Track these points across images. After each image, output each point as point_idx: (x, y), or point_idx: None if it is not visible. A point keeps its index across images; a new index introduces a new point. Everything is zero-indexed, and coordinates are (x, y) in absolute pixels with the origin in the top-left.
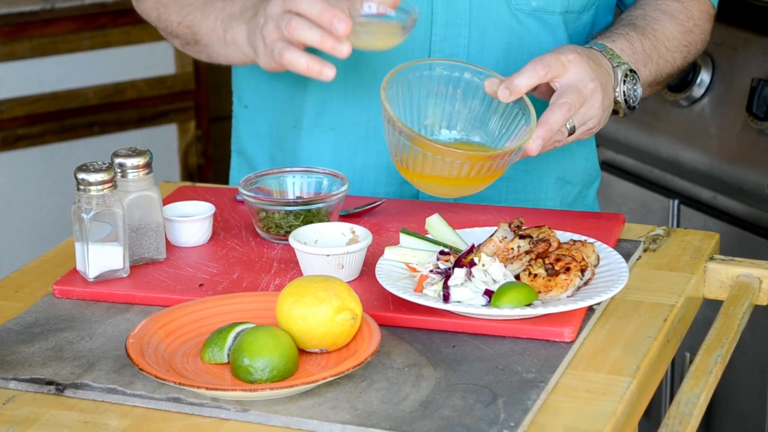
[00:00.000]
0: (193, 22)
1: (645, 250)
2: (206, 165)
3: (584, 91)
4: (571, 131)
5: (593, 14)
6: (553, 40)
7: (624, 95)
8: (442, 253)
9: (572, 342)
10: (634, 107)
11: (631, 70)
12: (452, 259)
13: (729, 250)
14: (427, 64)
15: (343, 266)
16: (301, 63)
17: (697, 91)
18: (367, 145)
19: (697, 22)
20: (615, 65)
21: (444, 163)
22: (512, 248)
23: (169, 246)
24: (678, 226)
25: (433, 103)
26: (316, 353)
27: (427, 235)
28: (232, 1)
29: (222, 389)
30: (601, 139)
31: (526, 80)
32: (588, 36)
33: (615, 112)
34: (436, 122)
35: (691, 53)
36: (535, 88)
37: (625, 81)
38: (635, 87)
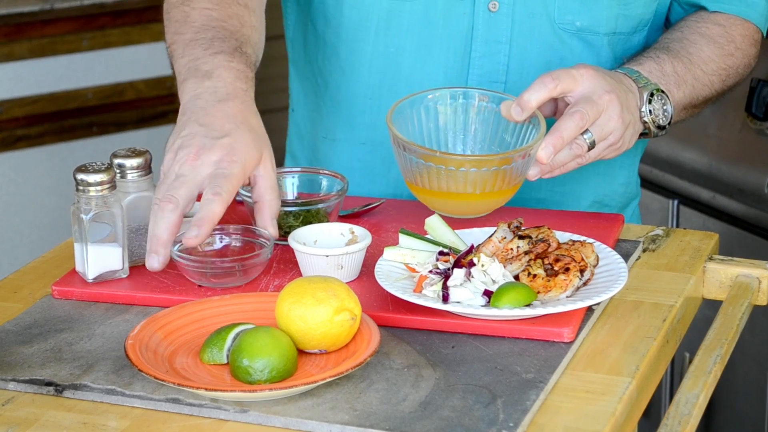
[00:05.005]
0: (175, 52)
1: (644, 251)
2: None
3: (599, 102)
4: (591, 145)
5: (645, 35)
6: (596, 60)
7: (651, 114)
8: (441, 253)
9: (571, 342)
10: (665, 127)
11: (659, 90)
12: (451, 259)
13: (728, 250)
14: (433, 93)
15: (342, 267)
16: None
17: None
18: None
19: (739, 45)
20: (641, 86)
21: (454, 175)
22: (511, 248)
23: None
24: (677, 226)
25: (444, 128)
26: (315, 354)
27: (427, 236)
28: (210, 57)
29: (221, 390)
30: None
31: (535, 94)
32: None
33: (645, 134)
34: (449, 146)
35: (731, 77)
36: (556, 111)
37: (651, 100)
38: (665, 106)
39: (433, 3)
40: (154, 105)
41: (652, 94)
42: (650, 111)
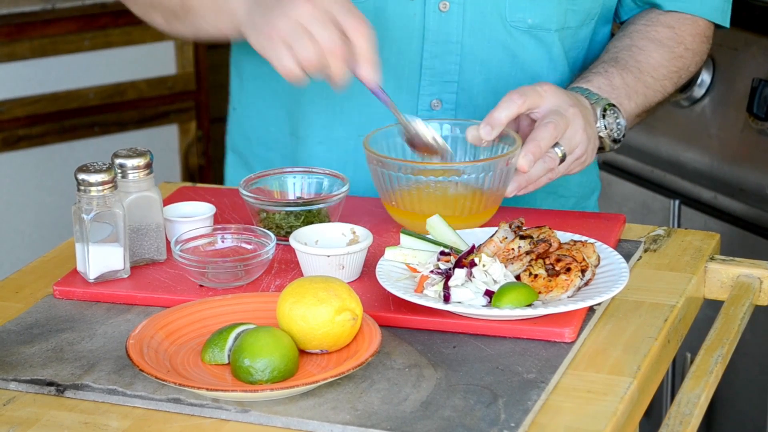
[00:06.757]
0: None
1: (645, 251)
2: (207, 165)
3: (566, 115)
4: (562, 158)
5: (593, 28)
6: (547, 57)
7: (606, 129)
8: (442, 253)
9: (573, 342)
10: (620, 140)
11: (611, 105)
12: (453, 259)
13: (729, 250)
14: (404, 125)
15: (343, 267)
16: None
17: (698, 92)
18: (357, 159)
19: (689, 46)
20: (593, 102)
21: (431, 191)
22: (513, 249)
23: (170, 246)
24: (678, 226)
25: (419, 156)
26: (316, 354)
27: (428, 236)
28: None
29: (222, 390)
30: None
31: (504, 111)
32: (588, 50)
33: (601, 148)
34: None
35: (682, 77)
36: (518, 130)
37: (604, 115)
38: (617, 120)
39: (382, 5)
40: (155, 105)
41: (604, 110)
42: (605, 126)
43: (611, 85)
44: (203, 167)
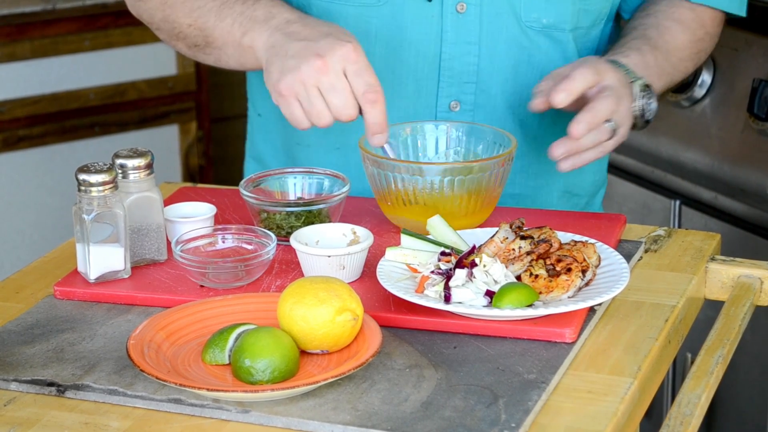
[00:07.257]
0: (206, 24)
1: (646, 251)
2: (207, 166)
3: (619, 93)
4: (614, 132)
5: (602, 27)
6: (562, 56)
7: (641, 109)
8: (443, 253)
9: (573, 343)
10: (649, 121)
11: (647, 85)
12: (453, 259)
13: (730, 250)
14: (400, 126)
15: (344, 267)
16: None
17: (699, 92)
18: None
19: (708, 30)
20: (631, 80)
21: (433, 187)
22: (513, 249)
23: (170, 247)
24: (679, 226)
25: (414, 156)
26: (317, 354)
27: (429, 236)
28: (253, 6)
29: (223, 390)
30: None
31: (579, 83)
32: (597, 50)
33: (633, 126)
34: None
35: (701, 60)
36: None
37: (642, 95)
38: (650, 101)
39: (400, 8)
40: (156, 105)
41: (642, 90)
42: (641, 106)
43: (645, 64)
44: (204, 167)
